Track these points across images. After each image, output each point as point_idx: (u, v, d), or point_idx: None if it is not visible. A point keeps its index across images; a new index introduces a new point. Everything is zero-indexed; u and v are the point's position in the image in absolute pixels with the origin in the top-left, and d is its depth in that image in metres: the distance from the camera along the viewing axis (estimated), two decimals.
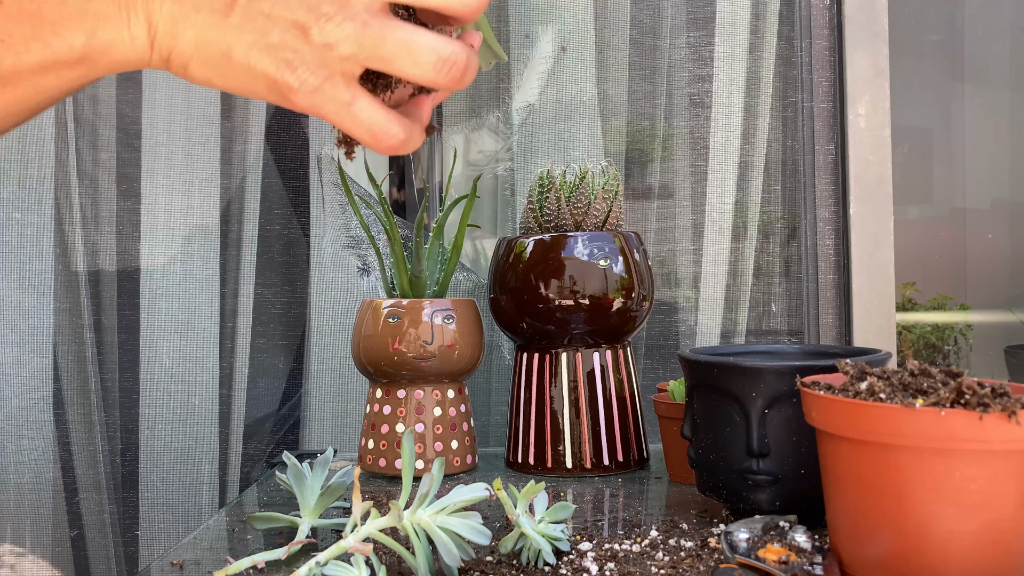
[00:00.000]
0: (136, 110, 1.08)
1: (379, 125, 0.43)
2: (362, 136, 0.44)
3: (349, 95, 0.42)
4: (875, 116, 1.08)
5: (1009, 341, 1.47)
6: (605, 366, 0.85)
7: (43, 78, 0.41)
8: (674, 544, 0.60)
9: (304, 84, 0.41)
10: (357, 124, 0.43)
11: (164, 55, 0.42)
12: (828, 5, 1.09)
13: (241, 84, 0.42)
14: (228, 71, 0.42)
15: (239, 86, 0.42)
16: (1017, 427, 0.44)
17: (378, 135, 0.43)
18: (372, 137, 0.44)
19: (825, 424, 0.51)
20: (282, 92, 0.42)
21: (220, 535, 0.67)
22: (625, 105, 1.10)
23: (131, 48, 0.41)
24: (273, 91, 0.42)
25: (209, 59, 0.42)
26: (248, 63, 0.41)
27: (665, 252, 1.11)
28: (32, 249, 1.05)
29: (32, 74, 0.41)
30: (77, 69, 0.41)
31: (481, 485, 0.56)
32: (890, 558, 0.48)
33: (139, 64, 0.42)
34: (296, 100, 0.42)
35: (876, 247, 1.07)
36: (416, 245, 0.85)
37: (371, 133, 0.43)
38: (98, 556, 1.06)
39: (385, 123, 0.43)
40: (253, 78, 0.42)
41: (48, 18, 0.39)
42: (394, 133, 0.44)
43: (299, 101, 0.42)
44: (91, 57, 0.41)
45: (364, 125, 0.43)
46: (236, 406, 1.07)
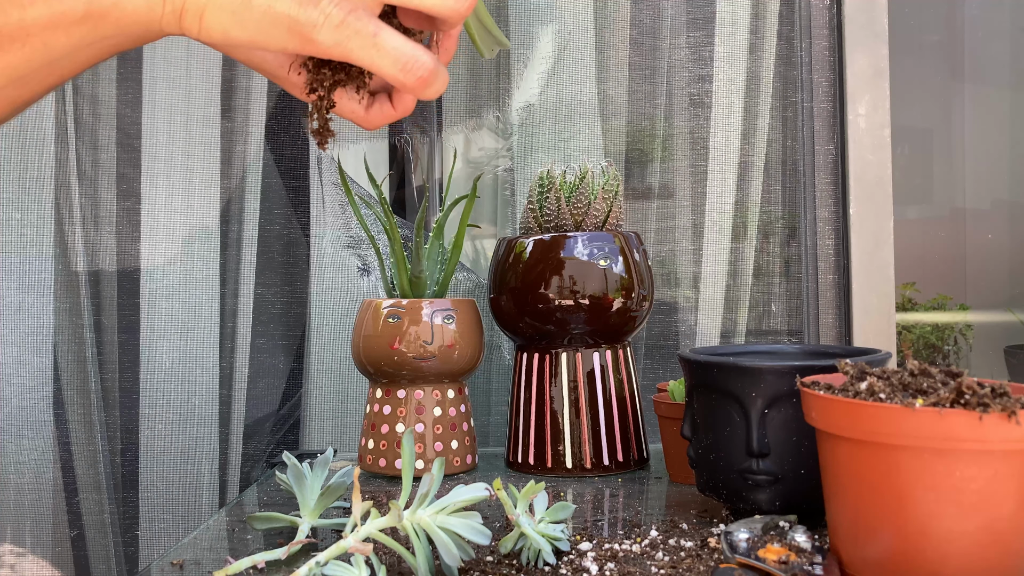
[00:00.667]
0: (136, 110, 1.08)
1: (407, 53, 0.42)
2: (391, 69, 0.42)
3: (373, 27, 0.41)
4: (875, 116, 1.08)
5: (1009, 341, 1.47)
6: (605, 366, 0.85)
7: (51, 35, 0.40)
8: (674, 544, 0.60)
9: (329, 18, 0.40)
10: (384, 55, 0.42)
11: (178, 6, 0.41)
12: (828, 5, 1.09)
13: (260, 29, 0.41)
14: (247, 16, 0.40)
15: (259, 32, 0.41)
16: (1017, 427, 0.44)
17: (407, 64, 0.42)
18: (401, 68, 0.42)
19: (825, 424, 0.51)
20: (304, 32, 0.41)
21: (220, 535, 0.67)
22: (625, 105, 1.10)
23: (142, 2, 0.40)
24: (294, 33, 0.41)
25: (227, 4, 0.40)
26: (268, 5, 0.40)
27: (665, 252, 1.11)
28: (32, 249, 1.05)
29: (40, 30, 0.40)
30: (85, 25, 0.40)
31: (481, 485, 0.56)
32: (890, 558, 0.48)
33: (149, 19, 0.41)
34: (319, 37, 0.41)
35: (876, 247, 1.07)
36: (416, 245, 0.85)
37: (400, 63, 0.42)
38: (98, 556, 1.06)
39: (413, 51, 0.42)
40: (274, 21, 0.40)
41: None
42: (424, 61, 0.43)
43: (323, 38, 0.41)
44: (98, 11, 0.40)
45: (391, 56, 0.42)
46: (236, 406, 1.07)
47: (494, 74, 1.12)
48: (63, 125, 1.06)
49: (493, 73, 1.12)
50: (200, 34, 0.42)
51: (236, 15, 0.41)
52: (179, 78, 1.08)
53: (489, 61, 1.13)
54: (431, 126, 1.14)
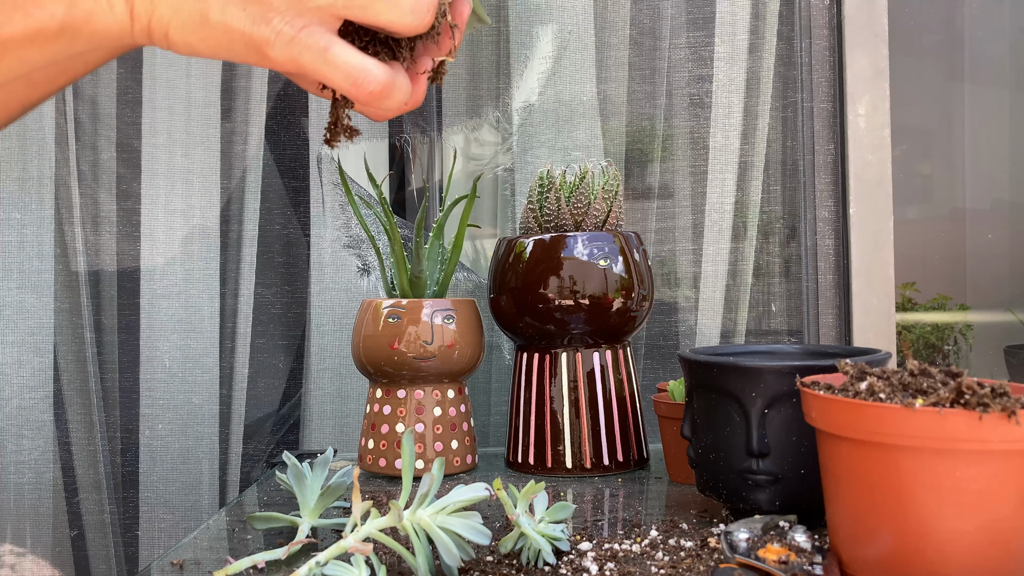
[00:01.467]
0: (136, 111, 1.08)
1: (357, 67, 0.42)
2: (341, 83, 0.43)
3: (324, 41, 0.42)
4: (875, 116, 1.08)
5: (1009, 341, 1.47)
6: (605, 366, 0.85)
7: (26, 50, 0.42)
8: (674, 544, 0.60)
9: (280, 35, 0.41)
10: (334, 69, 0.42)
11: (144, 24, 0.42)
12: (828, 5, 1.09)
13: (220, 44, 0.42)
14: (206, 33, 0.42)
15: (219, 47, 0.42)
16: (1017, 427, 0.44)
17: (357, 78, 0.42)
18: (351, 82, 0.42)
19: (825, 424, 0.51)
20: (259, 47, 0.42)
21: (220, 535, 0.67)
22: (625, 105, 1.10)
23: (111, 17, 0.42)
24: (251, 48, 0.42)
25: (187, 22, 0.42)
26: (224, 21, 0.41)
27: (665, 252, 1.11)
28: (32, 249, 1.05)
29: (16, 45, 0.41)
30: (60, 40, 0.42)
31: (481, 485, 0.56)
32: (890, 558, 0.48)
33: (121, 35, 0.43)
34: (273, 54, 0.42)
35: (876, 247, 1.07)
36: (416, 245, 0.85)
37: (350, 77, 0.42)
38: (98, 556, 1.06)
39: (363, 64, 0.42)
40: (231, 37, 0.42)
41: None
42: (375, 75, 0.43)
43: (276, 55, 0.42)
44: (72, 27, 0.41)
45: (341, 69, 0.42)
46: (236, 406, 1.07)
47: (494, 74, 1.12)
48: (63, 126, 1.06)
49: (493, 73, 1.12)
50: (169, 48, 0.43)
51: (197, 33, 0.42)
52: (179, 79, 1.08)
53: (489, 61, 1.13)
54: (431, 126, 1.14)
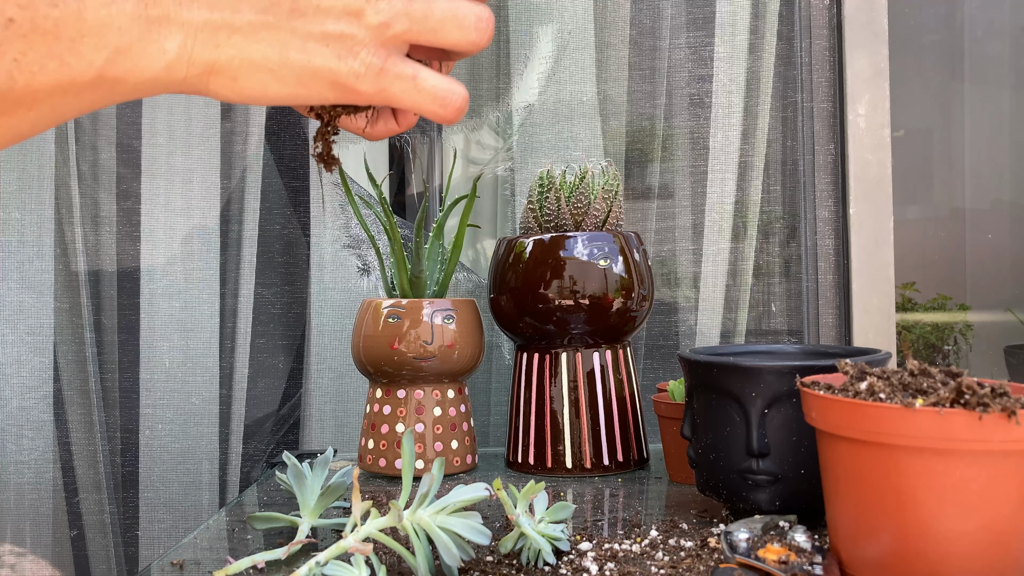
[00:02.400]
0: (136, 110, 1.08)
1: (444, 89, 0.43)
2: (431, 106, 0.43)
3: (411, 69, 0.42)
4: (875, 116, 1.08)
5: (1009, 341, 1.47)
6: (605, 366, 0.85)
7: (60, 100, 0.37)
8: (674, 544, 0.60)
9: (370, 67, 0.40)
10: (425, 95, 0.42)
11: (205, 72, 0.39)
12: (828, 5, 1.09)
13: (301, 84, 0.40)
14: (286, 73, 0.40)
15: (299, 87, 0.40)
16: (1017, 427, 0.44)
17: (446, 99, 0.43)
18: (441, 103, 0.43)
19: (825, 424, 0.51)
20: (347, 82, 0.40)
21: (220, 535, 0.67)
22: (625, 105, 1.10)
23: (162, 66, 0.38)
24: (336, 85, 0.41)
25: (263, 65, 0.39)
26: (306, 59, 0.40)
27: (665, 252, 1.11)
28: (32, 249, 1.05)
29: (48, 95, 0.37)
30: (99, 91, 0.38)
31: (481, 485, 0.56)
32: (890, 558, 0.48)
33: (170, 84, 0.39)
34: (362, 87, 0.41)
35: (876, 247, 1.07)
36: (416, 245, 0.85)
37: (440, 99, 0.43)
38: (98, 556, 1.06)
39: (449, 85, 0.43)
40: (314, 75, 0.40)
41: (65, 35, 0.35)
42: (459, 92, 0.44)
43: (365, 88, 0.41)
44: (114, 77, 0.37)
45: (431, 93, 0.43)
46: (236, 406, 1.07)
47: (494, 74, 1.12)
48: (63, 126, 1.06)
49: (493, 73, 1.12)
50: (233, 94, 0.40)
51: (274, 73, 0.40)
52: None
53: (489, 61, 1.13)
54: (431, 126, 1.14)
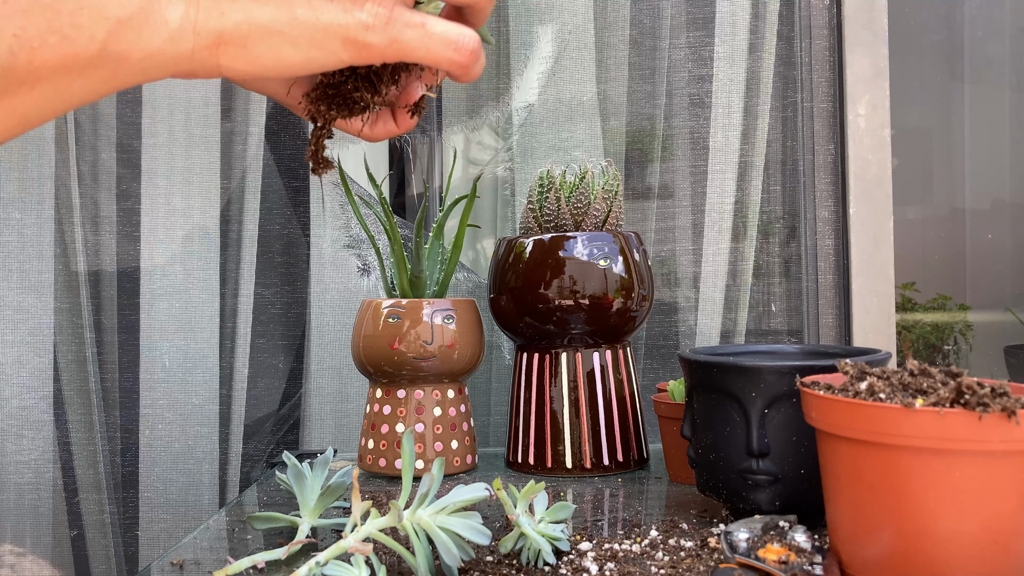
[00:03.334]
0: (136, 110, 1.08)
1: (456, 33, 0.42)
2: (445, 51, 0.42)
3: (420, 18, 0.41)
4: (875, 116, 1.08)
5: (1009, 341, 1.47)
6: (605, 366, 0.85)
7: (65, 78, 0.36)
8: (674, 544, 0.60)
9: (378, 16, 0.40)
10: (437, 40, 0.42)
11: (213, 41, 0.38)
12: (828, 5, 1.09)
13: (314, 44, 0.39)
14: (297, 33, 0.39)
15: (312, 48, 0.39)
16: (1016, 427, 0.44)
17: (459, 43, 0.42)
18: (455, 47, 0.42)
19: (825, 424, 0.51)
20: (357, 36, 0.40)
21: (220, 535, 0.67)
22: (625, 105, 1.10)
23: (166, 37, 0.37)
24: (348, 41, 0.40)
25: (272, 27, 0.38)
26: (314, 15, 0.39)
27: (665, 252, 1.11)
28: (32, 249, 1.05)
29: (51, 72, 0.36)
30: (103, 69, 0.36)
31: (481, 485, 0.56)
32: (890, 558, 0.48)
33: (179, 60, 0.38)
34: (373, 39, 0.40)
35: (876, 247, 1.07)
36: (416, 245, 0.85)
37: (452, 43, 0.42)
38: (98, 556, 1.06)
39: (459, 29, 0.42)
40: (325, 32, 0.39)
41: (64, 8, 0.35)
42: (470, 34, 0.43)
43: (377, 40, 0.40)
44: (118, 52, 0.36)
45: (443, 38, 0.42)
46: (236, 406, 1.07)
47: (494, 74, 1.12)
48: (63, 126, 1.06)
49: (493, 73, 1.12)
50: (246, 64, 0.39)
51: (285, 35, 0.39)
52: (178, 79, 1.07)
53: (489, 61, 1.13)
54: (431, 126, 1.14)
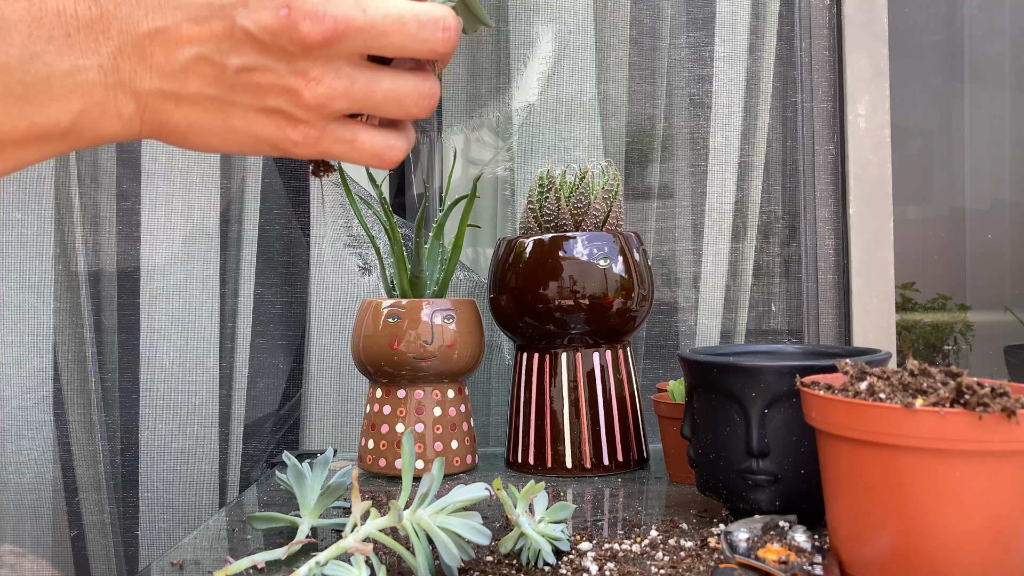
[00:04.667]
0: None
1: (381, 147, 0.45)
2: (368, 162, 0.45)
3: (350, 133, 0.44)
4: (875, 116, 1.08)
5: (1009, 341, 1.47)
6: (605, 366, 0.85)
7: (26, 150, 0.41)
8: (674, 544, 0.60)
9: (307, 137, 0.43)
10: (363, 154, 0.45)
11: (155, 129, 0.43)
12: (828, 5, 1.09)
13: (244, 145, 0.44)
14: (230, 137, 0.43)
15: (241, 147, 0.44)
16: (1017, 427, 0.44)
17: (383, 155, 0.45)
18: (379, 160, 0.45)
19: (825, 424, 0.51)
20: (286, 148, 0.43)
21: (220, 535, 0.67)
22: (625, 105, 1.10)
23: (119, 124, 0.42)
24: (277, 148, 0.44)
25: (208, 129, 0.43)
26: (248, 127, 0.42)
27: (665, 252, 1.11)
28: (32, 249, 1.05)
29: (15, 147, 0.40)
30: (63, 142, 0.41)
31: (481, 485, 0.56)
32: (890, 558, 0.48)
33: (127, 136, 0.43)
34: (300, 153, 0.44)
35: (876, 247, 1.07)
36: (416, 245, 0.85)
37: (377, 156, 0.45)
38: (98, 556, 1.06)
39: (385, 142, 0.45)
40: (256, 140, 0.43)
41: (34, 99, 0.39)
42: (398, 147, 0.46)
43: (303, 153, 0.44)
44: (78, 132, 0.41)
45: (369, 152, 0.45)
46: (236, 406, 1.07)
47: (494, 74, 1.12)
48: None
49: (493, 73, 1.12)
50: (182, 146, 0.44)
51: (219, 136, 0.43)
52: None
53: (489, 61, 1.13)
54: (431, 126, 1.14)
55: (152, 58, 0.40)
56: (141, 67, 0.40)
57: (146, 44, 0.40)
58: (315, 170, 0.50)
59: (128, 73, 0.40)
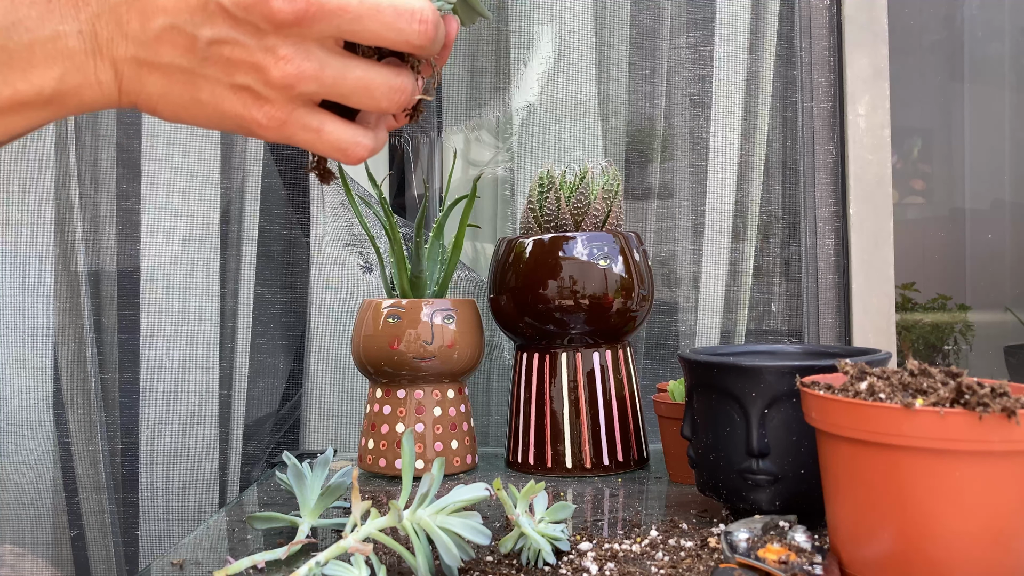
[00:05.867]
0: (136, 110, 1.08)
1: (347, 141, 0.45)
2: (332, 154, 0.45)
3: (316, 122, 0.44)
4: (875, 116, 1.08)
5: (1009, 341, 1.47)
6: (605, 366, 0.85)
7: (10, 118, 0.42)
8: (674, 544, 0.60)
9: (272, 119, 0.43)
10: (327, 145, 0.45)
11: (132, 99, 0.43)
12: (828, 5, 1.09)
13: (210, 121, 0.44)
14: (197, 111, 0.43)
15: (208, 123, 0.44)
16: (1017, 427, 0.44)
17: (348, 150, 0.45)
18: (343, 154, 0.45)
19: (825, 424, 0.51)
20: (251, 128, 0.43)
21: (220, 535, 0.67)
22: (625, 105, 1.10)
23: (99, 92, 0.43)
24: (242, 127, 0.44)
25: (177, 101, 0.43)
26: (216, 103, 0.43)
27: (665, 252, 1.11)
28: (32, 249, 1.05)
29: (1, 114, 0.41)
30: (46, 110, 0.42)
31: (481, 485, 0.56)
32: (890, 558, 0.48)
33: (107, 105, 0.44)
34: (265, 134, 0.44)
35: (876, 247, 1.07)
36: (416, 245, 0.85)
37: (341, 151, 0.45)
38: (98, 556, 1.06)
39: (352, 137, 0.45)
40: (222, 116, 0.43)
41: (17, 66, 0.40)
42: (364, 144, 0.46)
43: (269, 135, 0.44)
44: (59, 99, 0.42)
45: (333, 145, 0.45)
46: (236, 406, 1.07)
47: (494, 74, 1.12)
48: (62, 126, 1.06)
49: (493, 73, 1.12)
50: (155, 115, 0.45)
51: (187, 110, 0.43)
52: None
53: (489, 61, 1.13)
54: (431, 126, 1.14)
55: (128, 25, 0.41)
56: (118, 34, 0.41)
57: (123, 11, 0.41)
58: (320, 176, 0.51)
59: (106, 39, 0.41)
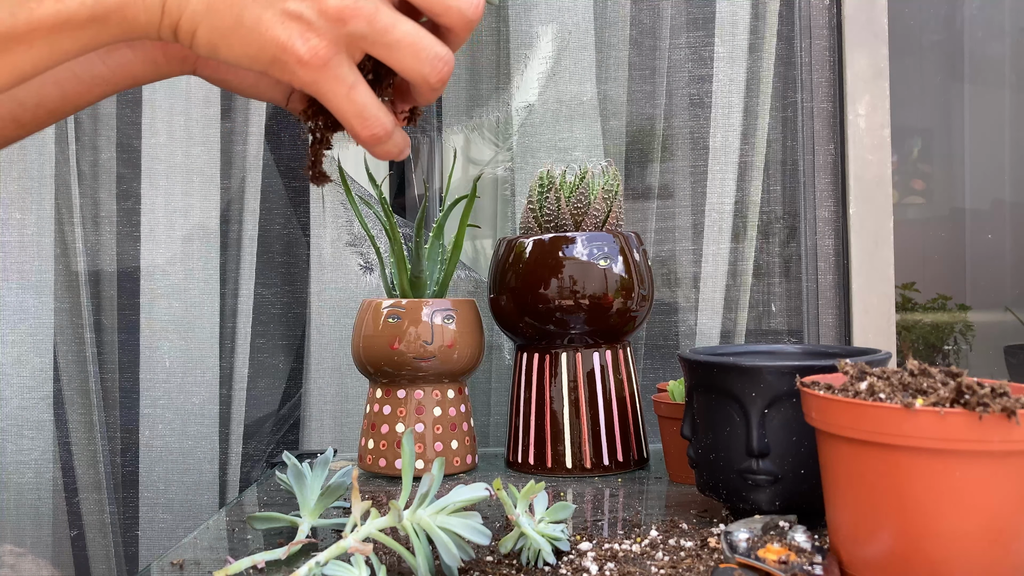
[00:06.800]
0: (136, 110, 1.08)
1: (372, 111, 0.44)
2: (352, 119, 0.44)
3: (353, 77, 0.42)
4: (875, 116, 1.08)
5: (1009, 341, 1.47)
6: (605, 366, 0.85)
7: (57, 37, 0.41)
8: (674, 544, 0.60)
9: (315, 56, 0.41)
10: (353, 105, 0.43)
11: (174, 19, 0.41)
12: (828, 5, 1.09)
13: (246, 53, 0.42)
14: (235, 37, 0.41)
15: (243, 55, 0.42)
16: (1017, 427, 0.44)
17: (368, 120, 0.44)
18: (362, 122, 0.44)
19: (825, 424, 0.51)
20: (288, 63, 0.41)
21: (220, 535, 0.67)
22: (625, 105, 1.10)
23: (142, 8, 0.41)
24: (278, 62, 0.42)
25: (219, 23, 0.41)
26: (259, 28, 0.41)
27: (665, 252, 1.11)
28: (32, 249, 1.05)
29: (47, 32, 0.40)
30: (89, 29, 0.41)
31: (481, 485, 0.56)
32: (890, 558, 0.48)
33: (149, 28, 0.42)
34: (301, 73, 0.41)
35: (876, 247, 1.07)
36: (416, 245, 0.85)
37: (362, 117, 0.43)
38: (98, 556, 1.06)
39: (377, 109, 0.44)
40: (261, 45, 0.41)
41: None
42: (383, 121, 0.44)
43: (303, 74, 0.42)
44: (103, 16, 0.41)
45: (358, 107, 0.43)
46: (236, 406, 1.07)
47: (494, 74, 1.12)
48: (63, 125, 1.06)
49: (493, 73, 1.13)
50: (191, 48, 0.43)
51: (226, 36, 0.41)
52: (179, 78, 1.07)
53: (489, 61, 1.13)
54: (431, 126, 1.14)
55: None
56: None
57: None
58: (314, 177, 0.50)
59: None
